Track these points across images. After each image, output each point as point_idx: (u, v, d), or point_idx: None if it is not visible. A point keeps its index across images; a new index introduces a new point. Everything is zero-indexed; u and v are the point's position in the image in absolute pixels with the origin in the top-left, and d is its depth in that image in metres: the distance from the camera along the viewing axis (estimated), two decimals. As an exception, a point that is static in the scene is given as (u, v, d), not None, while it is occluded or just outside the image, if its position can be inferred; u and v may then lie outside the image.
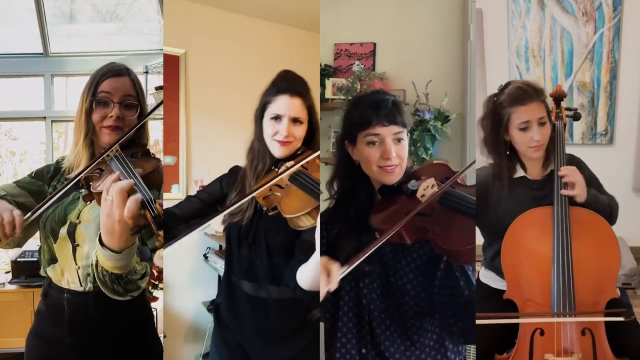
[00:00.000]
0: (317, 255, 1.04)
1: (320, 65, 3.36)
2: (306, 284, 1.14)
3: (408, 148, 1.28)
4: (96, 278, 1.27)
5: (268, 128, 1.39)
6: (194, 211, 1.47)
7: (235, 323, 1.48)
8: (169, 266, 2.95)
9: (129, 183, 1.12)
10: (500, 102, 1.67)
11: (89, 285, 1.38)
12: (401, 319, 1.27)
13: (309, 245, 1.22)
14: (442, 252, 1.10)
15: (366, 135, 1.24)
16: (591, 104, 3.83)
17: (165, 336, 2.91)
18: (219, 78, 3.27)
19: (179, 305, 3.20)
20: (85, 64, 3.87)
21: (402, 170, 1.27)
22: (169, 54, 3.12)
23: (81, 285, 1.39)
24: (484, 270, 1.87)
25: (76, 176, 1.28)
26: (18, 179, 1.49)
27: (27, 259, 3.20)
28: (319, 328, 1.39)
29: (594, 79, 3.81)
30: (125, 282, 1.27)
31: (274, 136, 1.38)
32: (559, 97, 1.74)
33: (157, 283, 2.97)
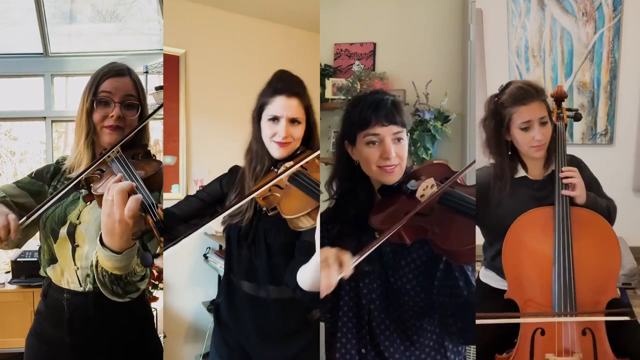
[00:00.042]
0: (318, 257, 1.04)
1: (320, 65, 3.36)
2: (307, 284, 1.14)
3: (408, 148, 1.28)
4: (96, 279, 1.27)
5: (266, 129, 1.39)
6: (193, 211, 1.47)
7: (235, 323, 1.48)
8: (169, 266, 2.95)
9: (129, 184, 1.12)
10: (502, 102, 1.67)
11: (89, 285, 1.38)
12: (401, 319, 1.27)
13: (308, 245, 1.22)
14: (442, 252, 1.10)
15: (365, 135, 1.24)
16: (591, 104, 3.83)
17: (165, 336, 2.91)
18: (219, 78, 3.27)
19: (179, 305, 3.20)
20: (85, 64, 3.87)
21: (402, 170, 1.27)
22: (169, 54, 3.12)
23: (81, 286, 1.39)
24: (484, 270, 1.87)
25: (76, 178, 1.28)
26: (18, 179, 1.49)
27: (27, 259, 3.20)
28: (319, 328, 1.39)
29: (594, 79, 3.80)
30: (124, 284, 1.27)
31: (273, 137, 1.38)
32: (560, 98, 1.74)
33: (157, 283, 2.97)
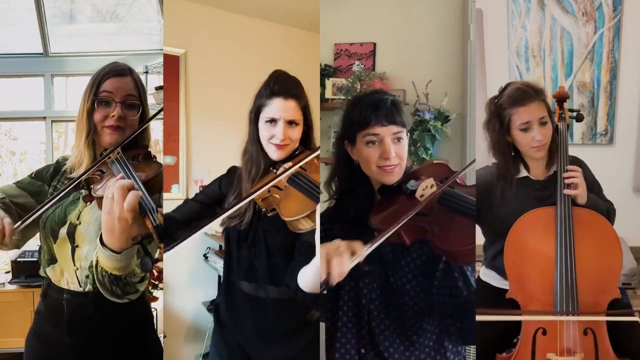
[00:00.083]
0: (318, 258, 1.04)
1: (320, 65, 3.36)
2: (308, 286, 1.13)
3: (407, 148, 1.28)
4: (95, 279, 1.27)
5: (264, 131, 1.39)
6: (193, 214, 1.47)
7: (235, 323, 1.48)
8: (169, 266, 2.95)
9: (130, 182, 1.11)
10: (501, 104, 1.68)
11: (89, 286, 1.37)
12: (400, 319, 1.27)
13: (308, 246, 1.22)
14: (441, 253, 1.10)
15: (365, 135, 1.24)
16: (591, 104, 3.83)
17: (165, 336, 2.91)
18: (219, 78, 3.27)
19: (179, 305, 3.20)
20: (85, 64, 3.87)
21: (402, 170, 1.27)
22: (169, 54, 3.12)
23: (80, 286, 1.39)
24: (485, 270, 1.87)
25: (75, 180, 1.28)
26: (18, 179, 1.49)
27: (27, 259, 3.20)
28: (318, 328, 1.39)
29: (594, 79, 3.80)
30: (123, 285, 1.26)
31: (270, 139, 1.37)
32: (561, 99, 1.74)
33: (157, 283, 2.97)
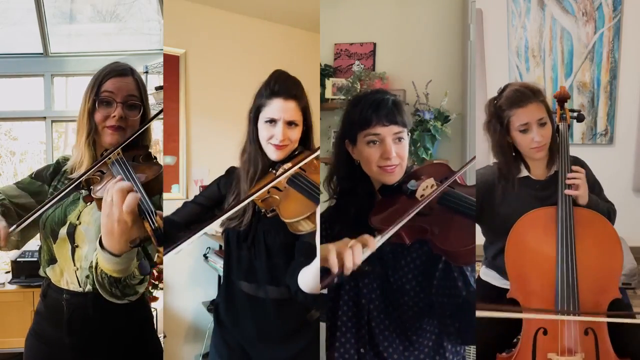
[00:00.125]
0: (318, 259, 1.03)
1: (320, 65, 3.36)
2: (308, 287, 1.13)
3: (408, 148, 1.28)
4: (95, 280, 1.26)
5: (263, 131, 1.38)
6: (192, 216, 1.46)
7: (235, 323, 1.48)
8: (169, 266, 2.95)
9: (129, 184, 1.11)
10: (500, 106, 1.68)
11: (88, 286, 1.37)
12: (400, 319, 1.27)
13: (308, 246, 1.22)
14: (441, 253, 1.10)
15: (366, 135, 1.24)
16: (591, 104, 3.83)
17: (165, 336, 2.91)
18: (219, 78, 3.26)
19: (179, 305, 3.20)
20: (85, 64, 3.87)
21: (403, 170, 1.27)
22: (169, 54, 3.12)
23: (80, 286, 1.38)
24: (485, 269, 1.87)
25: (75, 181, 1.27)
26: (18, 179, 1.49)
27: (27, 259, 3.20)
28: (318, 328, 1.39)
29: (594, 79, 3.80)
30: (123, 286, 1.26)
31: (270, 140, 1.37)
32: (562, 99, 1.74)
33: (157, 283, 2.97)
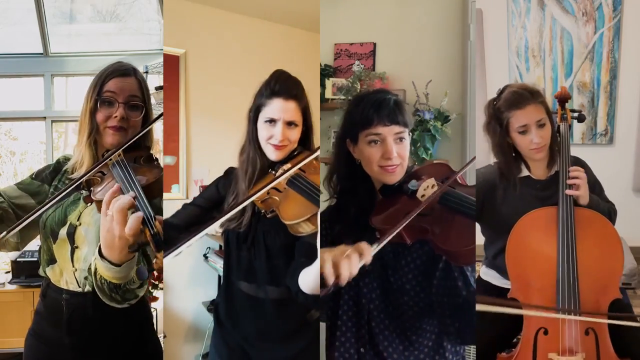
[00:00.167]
0: (318, 261, 1.03)
1: (320, 65, 3.36)
2: (309, 288, 1.13)
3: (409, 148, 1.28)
4: (94, 285, 1.25)
5: (263, 131, 1.38)
6: (192, 218, 1.45)
7: (235, 323, 1.48)
8: (169, 266, 2.94)
9: (129, 201, 1.09)
10: (498, 107, 1.69)
11: (87, 286, 1.37)
12: (400, 319, 1.27)
13: (308, 247, 1.22)
14: (442, 253, 1.10)
15: (367, 134, 1.24)
16: (591, 104, 3.83)
17: (165, 336, 2.91)
18: (219, 78, 3.26)
19: (179, 305, 3.20)
20: (85, 64, 3.87)
21: (403, 170, 1.27)
22: (169, 54, 3.12)
23: (79, 287, 1.38)
24: (485, 269, 1.87)
25: (75, 182, 1.27)
26: (18, 179, 1.49)
27: (27, 259, 3.20)
28: (318, 328, 1.39)
29: (594, 79, 3.80)
30: (123, 292, 1.25)
31: (269, 140, 1.37)
32: (563, 99, 1.74)
33: (157, 283, 2.97)
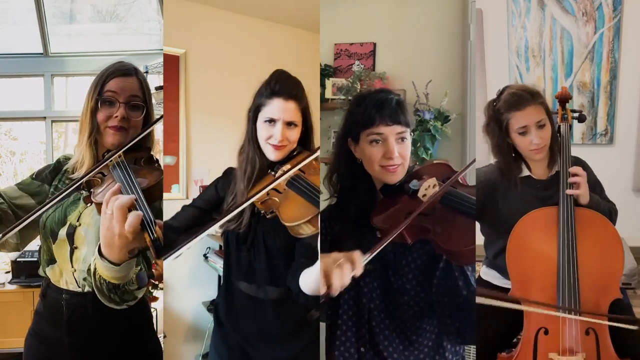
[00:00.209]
0: (319, 263, 1.03)
1: (320, 65, 3.36)
2: (310, 289, 1.13)
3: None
4: (93, 286, 1.25)
5: (262, 131, 1.38)
6: (191, 220, 1.45)
7: (235, 323, 1.48)
8: (169, 266, 2.94)
9: (130, 199, 1.09)
10: (498, 109, 1.69)
11: (87, 287, 1.36)
12: (400, 319, 1.27)
13: (308, 247, 1.22)
14: (443, 252, 1.10)
15: (369, 134, 1.24)
16: (591, 104, 3.83)
17: (165, 336, 2.91)
18: (219, 78, 3.26)
19: (179, 305, 3.20)
20: (85, 64, 3.87)
21: (405, 170, 1.27)
22: (169, 54, 3.11)
23: (79, 287, 1.38)
24: (486, 269, 1.87)
25: (75, 183, 1.27)
26: (18, 179, 1.48)
27: (27, 259, 3.19)
28: (318, 328, 1.39)
29: (594, 79, 3.80)
30: (122, 292, 1.25)
31: (268, 140, 1.36)
32: (564, 99, 1.74)
33: (157, 283, 2.96)
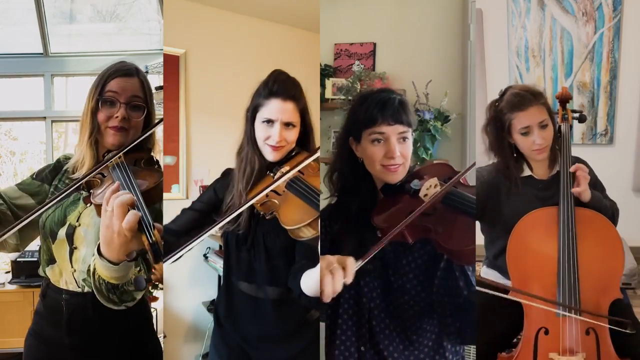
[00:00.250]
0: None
1: (320, 65, 3.36)
2: (311, 290, 1.13)
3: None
4: (92, 285, 1.25)
5: (260, 132, 1.37)
6: (191, 223, 1.44)
7: (235, 323, 1.48)
8: (169, 266, 2.94)
9: (131, 197, 1.09)
10: (501, 109, 1.69)
11: (87, 287, 1.36)
12: (401, 319, 1.27)
13: (309, 248, 1.22)
14: (444, 252, 1.10)
15: (371, 133, 1.24)
16: (591, 104, 3.83)
17: (165, 336, 2.91)
18: (219, 78, 3.26)
19: (179, 305, 3.20)
20: (85, 64, 3.87)
21: (406, 170, 1.27)
22: (169, 54, 3.11)
23: (79, 287, 1.38)
24: (486, 269, 1.87)
25: (75, 183, 1.26)
26: (18, 179, 1.48)
27: (27, 259, 3.19)
28: (318, 328, 1.39)
29: (594, 79, 3.80)
30: (120, 293, 1.24)
31: (266, 140, 1.36)
32: (564, 99, 1.74)
33: (157, 283, 2.96)
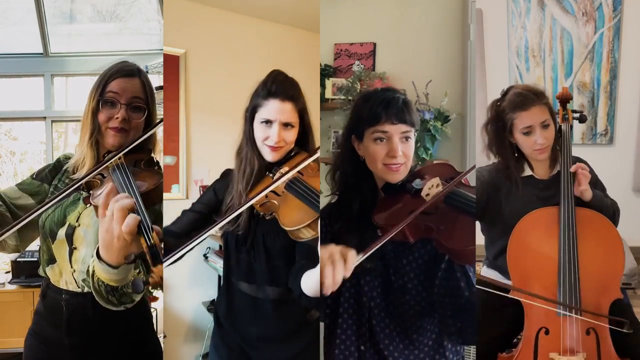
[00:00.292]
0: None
1: (320, 65, 3.36)
2: (312, 291, 1.13)
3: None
4: (91, 287, 1.24)
5: (259, 132, 1.37)
6: (191, 225, 1.44)
7: (235, 324, 1.48)
8: (169, 266, 2.94)
9: (131, 202, 1.08)
10: (503, 109, 1.69)
11: (87, 288, 1.36)
12: (401, 318, 1.27)
13: (309, 248, 1.22)
14: (446, 251, 1.10)
15: (374, 131, 1.24)
16: (591, 104, 3.83)
17: (165, 336, 2.91)
18: (219, 78, 3.26)
19: (179, 305, 3.20)
20: (85, 64, 3.88)
21: (407, 169, 1.27)
22: (169, 54, 3.11)
23: (79, 287, 1.38)
24: (487, 269, 1.87)
25: (74, 183, 1.26)
26: (18, 179, 1.48)
27: (27, 259, 3.20)
28: (318, 328, 1.39)
29: (594, 79, 3.81)
30: (120, 295, 1.24)
31: (265, 141, 1.36)
32: (565, 99, 1.74)
33: (155, 288, 2.96)
